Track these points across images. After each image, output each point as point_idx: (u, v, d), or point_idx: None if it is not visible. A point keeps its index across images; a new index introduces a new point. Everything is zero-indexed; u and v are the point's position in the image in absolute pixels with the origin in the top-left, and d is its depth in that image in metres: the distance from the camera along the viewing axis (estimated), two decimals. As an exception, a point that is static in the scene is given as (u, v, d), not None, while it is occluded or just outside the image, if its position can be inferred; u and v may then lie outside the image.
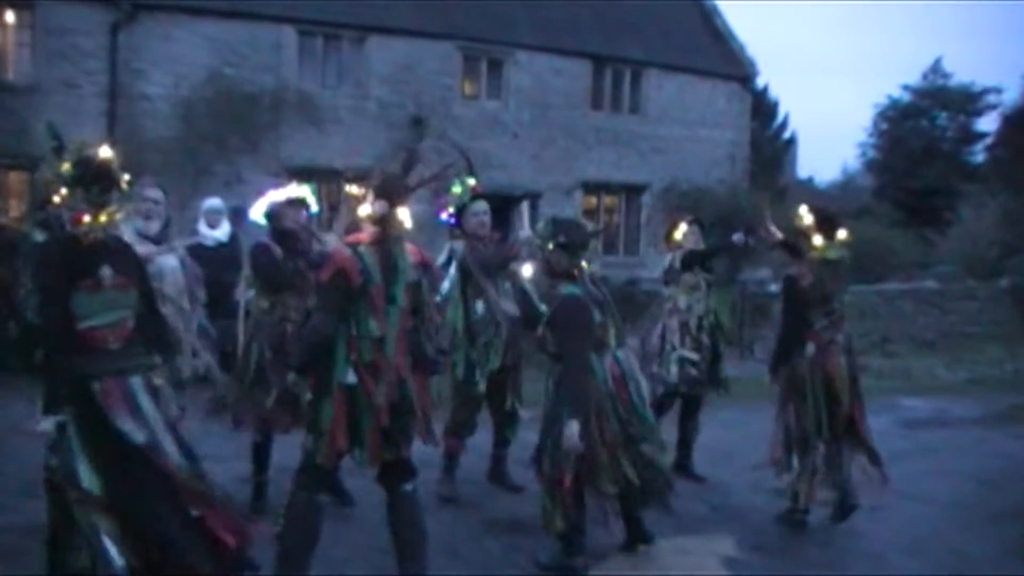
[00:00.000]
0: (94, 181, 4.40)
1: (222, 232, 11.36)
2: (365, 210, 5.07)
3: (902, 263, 23.65)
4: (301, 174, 16.45)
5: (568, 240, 5.84)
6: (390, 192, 5.05)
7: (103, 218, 4.38)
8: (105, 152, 4.54)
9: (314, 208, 6.62)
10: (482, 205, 7.24)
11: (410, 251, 5.11)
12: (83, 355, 4.31)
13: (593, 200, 25.58)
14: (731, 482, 7.78)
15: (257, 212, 6.63)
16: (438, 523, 6.06)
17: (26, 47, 19.04)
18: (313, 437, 4.95)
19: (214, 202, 11.80)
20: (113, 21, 19.10)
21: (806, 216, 6.76)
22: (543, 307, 5.85)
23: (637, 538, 6.17)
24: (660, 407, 7.73)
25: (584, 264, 5.96)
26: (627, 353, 6.07)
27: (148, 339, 4.60)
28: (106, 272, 4.34)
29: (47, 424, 4.31)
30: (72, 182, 4.38)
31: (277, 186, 7.11)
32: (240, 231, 11.96)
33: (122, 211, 4.59)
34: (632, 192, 25.83)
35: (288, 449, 6.46)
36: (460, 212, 7.21)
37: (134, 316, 4.47)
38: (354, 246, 4.98)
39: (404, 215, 5.09)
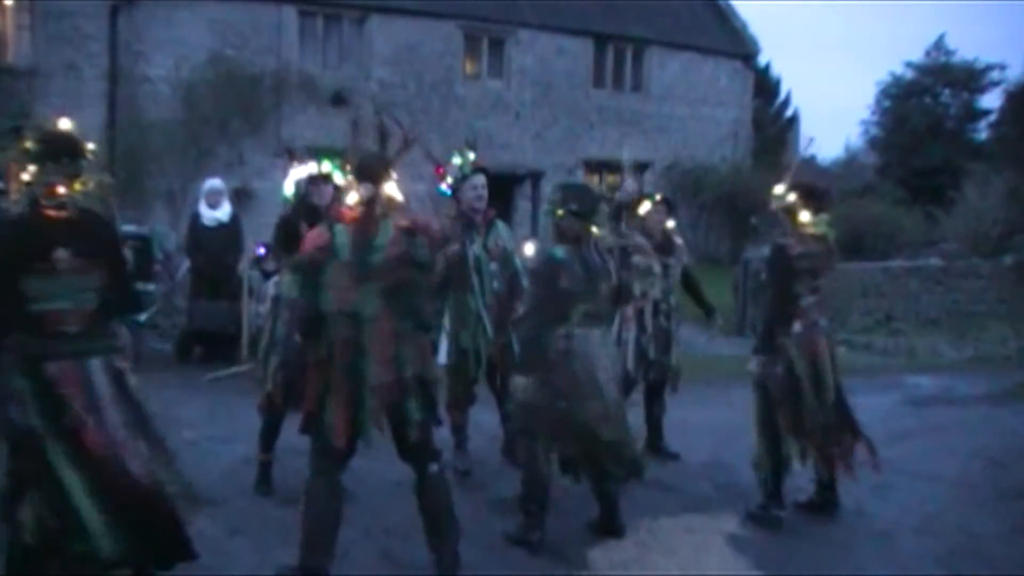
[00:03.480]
0: (63, 152, 4.37)
1: (223, 212, 11.35)
2: (353, 197, 5.07)
3: (906, 241, 23.58)
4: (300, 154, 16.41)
5: (579, 207, 5.83)
6: (371, 172, 5.06)
7: (77, 187, 4.36)
8: (65, 124, 4.51)
9: (340, 182, 6.57)
10: (480, 179, 7.22)
11: (402, 223, 5.07)
12: (38, 337, 4.28)
13: (596, 179, 25.53)
14: (736, 461, 7.74)
15: (288, 188, 6.62)
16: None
17: (26, 30, 19.00)
18: (323, 419, 4.93)
19: (214, 182, 11.78)
20: (113, 3, 19.08)
21: (788, 194, 6.59)
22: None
23: (607, 523, 6.13)
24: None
25: (595, 229, 5.94)
26: (590, 334, 5.89)
27: (113, 308, 4.55)
28: (60, 255, 4.28)
29: None
30: (41, 157, 4.35)
31: (281, 166, 7.08)
32: (240, 212, 11.96)
33: (92, 181, 4.56)
34: (635, 170, 25.75)
35: (295, 430, 6.46)
36: (458, 184, 7.19)
37: (97, 296, 4.42)
38: (332, 224, 5.02)
39: (393, 190, 5.09)
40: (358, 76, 21.77)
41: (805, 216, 6.46)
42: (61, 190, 4.30)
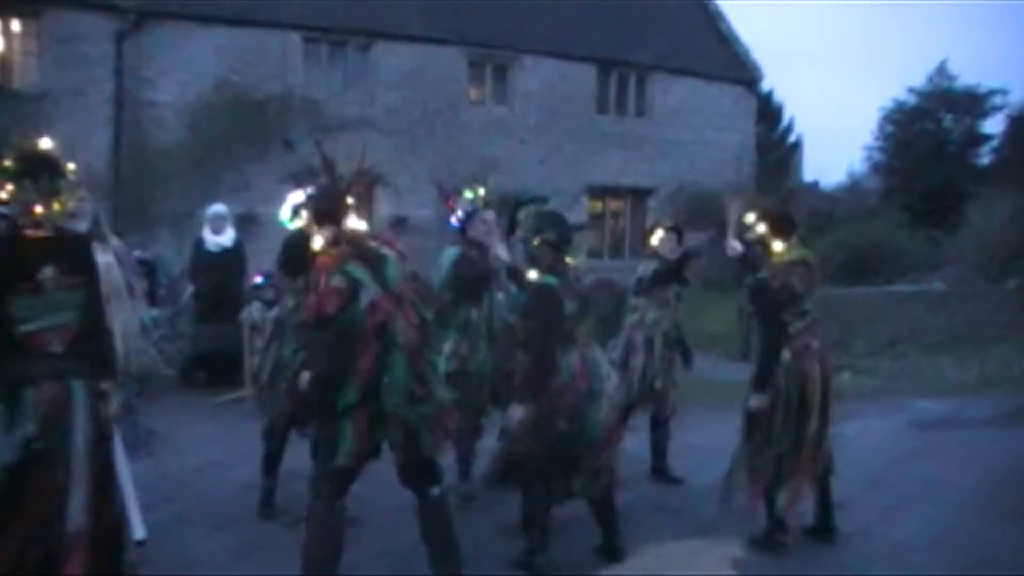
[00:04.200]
0: (41, 171, 4.34)
1: (226, 238, 11.38)
2: (318, 243, 5.02)
3: (910, 265, 23.53)
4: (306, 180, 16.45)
5: (553, 236, 5.84)
6: (328, 212, 5.04)
7: (56, 207, 4.32)
8: (45, 143, 4.48)
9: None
10: (491, 214, 7.29)
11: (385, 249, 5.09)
12: (22, 359, 4.23)
13: (599, 204, 25.60)
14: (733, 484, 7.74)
15: (284, 213, 6.61)
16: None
17: (33, 56, 19.08)
18: (333, 442, 4.92)
19: (218, 208, 11.81)
20: (119, 29, 19.12)
21: (757, 225, 6.57)
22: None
23: (607, 546, 6.11)
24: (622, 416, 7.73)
25: (568, 259, 5.94)
26: (597, 352, 5.98)
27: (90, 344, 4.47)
28: (48, 273, 4.24)
29: None
30: (19, 175, 4.32)
31: (286, 192, 7.08)
32: (245, 237, 11.98)
33: (74, 200, 4.52)
34: (638, 196, 25.82)
35: (297, 453, 6.47)
36: (468, 218, 7.24)
37: (80, 315, 4.37)
38: (343, 265, 4.91)
39: (355, 223, 5.07)
40: (363, 102, 21.82)
41: (778, 246, 6.43)
42: (39, 209, 4.26)
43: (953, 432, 10.64)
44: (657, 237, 8.12)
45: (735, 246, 6.73)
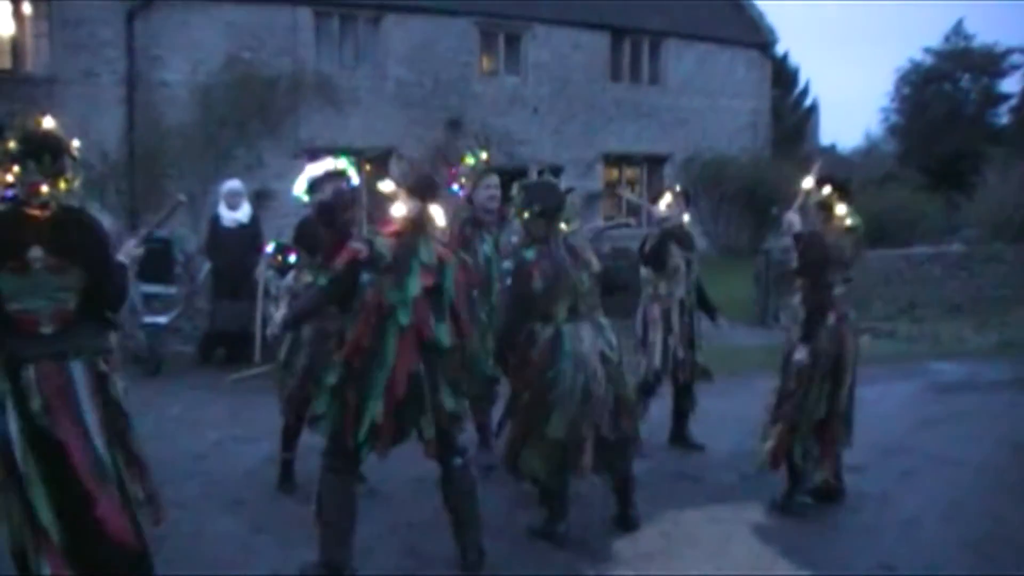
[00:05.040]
0: (44, 151, 4.31)
1: (242, 213, 11.38)
2: (399, 210, 5.10)
3: (928, 228, 23.47)
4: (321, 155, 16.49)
5: (544, 207, 5.81)
6: (422, 191, 5.13)
7: (62, 185, 4.30)
8: (49, 123, 4.45)
9: (355, 181, 6.54)
10: (494, 179, 7.22)
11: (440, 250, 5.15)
12: (15, 337, 4.20)
13: (615, 172, 25.55)
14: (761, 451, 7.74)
15: (299, 187, 6.57)
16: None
17: (44, 38, 19.12)
18: (337, 418, 4.95)
19: (233, 184, 11.81)
20: (129, 9, 19.17)
21: (823, 188, 6.54)
22: None
23: (621, 516, 6.12)
24: (646, 390, 7.76)
25: (563, 226, 5.91)
26: (578, 328, 5.88)
27: (92, 308, 4.42)
28: (35, 254, 4.18)
29: None
30: (22, 156, 4.30)
31: (299, 167, 7.05)
32: (259, 213, 11.98)
33: (78, 179, 4.50)
34: (654, 163, 25.77)
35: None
36: (471, 185, 7.20)
37: (77, 297, 4.31)
38: (372, 237, 5.02)
39: (437, 213, 5.17)
40: (375, 75, 21.80)
41: (841, 209, 6.44)
42: (44, 189, 4.24)
43: (971, 395, 10.60)
44: (664, 202, 8.06)
45: (794, 221, 6.61)
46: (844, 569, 5.63)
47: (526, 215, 5.83)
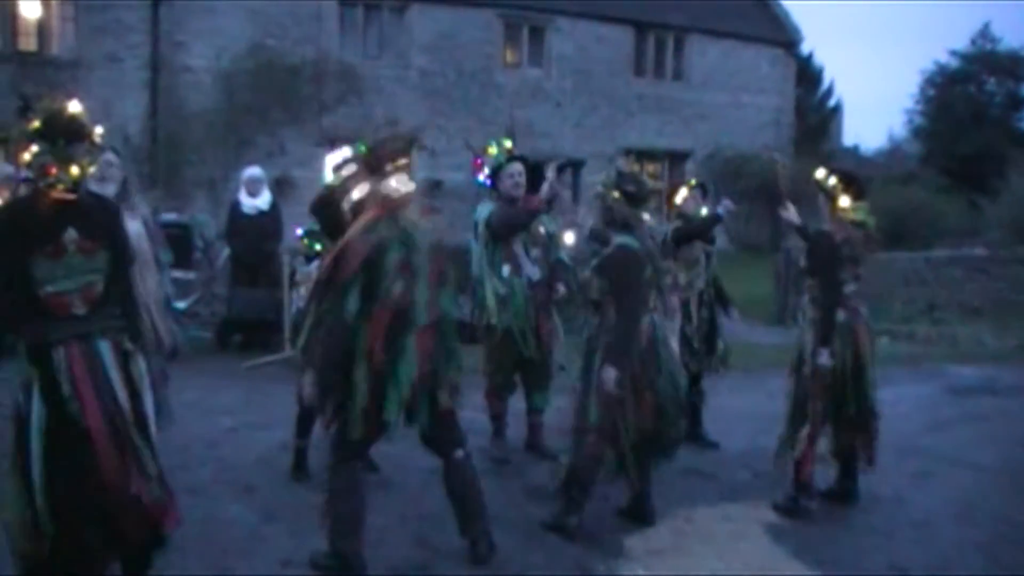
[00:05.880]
0: (60, 134, 4.30)
1: (263, 200, 11.39)
2: (359, 191, 5.02)
3: (950, 229, 23.35)
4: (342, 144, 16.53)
5: (633, 190, 5.81)
6: (378, 163, 5.02)
7: (74, 170, 4.30)
8: (74, 106, 4.45)
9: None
10: (517, 166, 7.21)
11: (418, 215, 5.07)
12: (46, 320, 4.22)
13: (636, 167, 25.47)
14: (774, 449, 7.72)
15: (328, 175, 6.56)
16: (480, 490, 6.05)
17: (70, 21, 19.22)
18: (346, 412, 4.94)
19: (254, 171, 11.82)
20: (155, -6, 19.21)
21: (829, 177, 6.52)
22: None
23: (638, 508, 6.10)
24: None
25: (646, 216, 5.91)
26: (661, 319, 5.97)
27: (115, 306, 4.46)
28: (71, 236, 4.23)
29: None
30: (39, 137, 4.32)
31: (321, 155, 7.03)
32: (280, 201, 12.00)
33: (94, 164, 4.50)
34: (675, 159, 25.70)
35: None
36: (496, 173, 7.19)
37: (104, 279, 4.36)
38: (367, 227, 4.91)
39: (401, 182, 5.02)
40: (398, 65, 21.81)
41: (845, 201, 6.40)
42: (53, 171, 4.25)
43: (988, 399, 10.54)
44: (681, 195, 8.07)
45: (791, 217, 6.62)
46: (855, 570, 5.61)
47: (615, 194, 5.82)
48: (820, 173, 6.56)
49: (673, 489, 6.65)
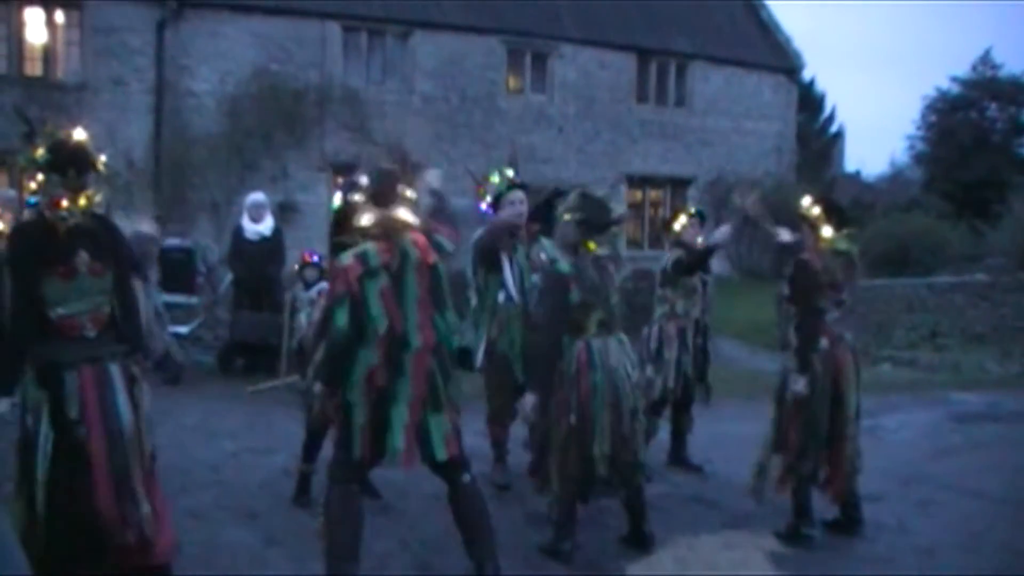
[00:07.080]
0: (70, 164, 4.30)
1: (265, 226, 11.43)
2: (366, 219, 5.03)
3: (952, 256, 23.32)
4: (345, 170, 16.58)
5: (584, 217, 5.82)
6: (384, 197, 5.05)
7: (82, 201, 4.30)
8: (79, 135, 4.46)
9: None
10: (519, 194, 7.23)
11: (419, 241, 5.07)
12: (57, 343, 4.24)
13: (638, 193, 25.54)
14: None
15: (337, 200, 6.60)
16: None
17: (75, 46, 19.30)
18: (345, 434, 4.94)
19: (258, 196, 11.86)
20: (160, 19, 19.34)
21: (812, 207, 6.54)
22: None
23: (635, 534, 6.08)
24: (655, 409, 7.71)
25: (592, 245, 5.88)
26: (607, 343, 5.89)
27: (122, 327, 4.48)
28: (83, 258, 4.26)
29: (1, 406, 4.28)
30: (47, 167, 4.31)
31: (324, 180, 7.07)
32: (283, 226, 12.03)
33: (100, 193, 4.51)
34: (678, 185, 25.74)
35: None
36: (497, 201, 7.21)
37: (110, 301, 4.39)
38: (361, 250, 4.94)
39: (404, 214, 5.06)
40: (402, 90, 21.88)
41: (827, 231, 6.41)
42: (64, 203, 4.26)
43: (992, 426, 10.51)
44: (679, 223, 8.09)
45: (784, 235, 6.65)
46: (858, 598, 5.60)
47: (567, 217, 5.83)
48: (805, 202, 6.58)
49: (675, 516, 6.64)
